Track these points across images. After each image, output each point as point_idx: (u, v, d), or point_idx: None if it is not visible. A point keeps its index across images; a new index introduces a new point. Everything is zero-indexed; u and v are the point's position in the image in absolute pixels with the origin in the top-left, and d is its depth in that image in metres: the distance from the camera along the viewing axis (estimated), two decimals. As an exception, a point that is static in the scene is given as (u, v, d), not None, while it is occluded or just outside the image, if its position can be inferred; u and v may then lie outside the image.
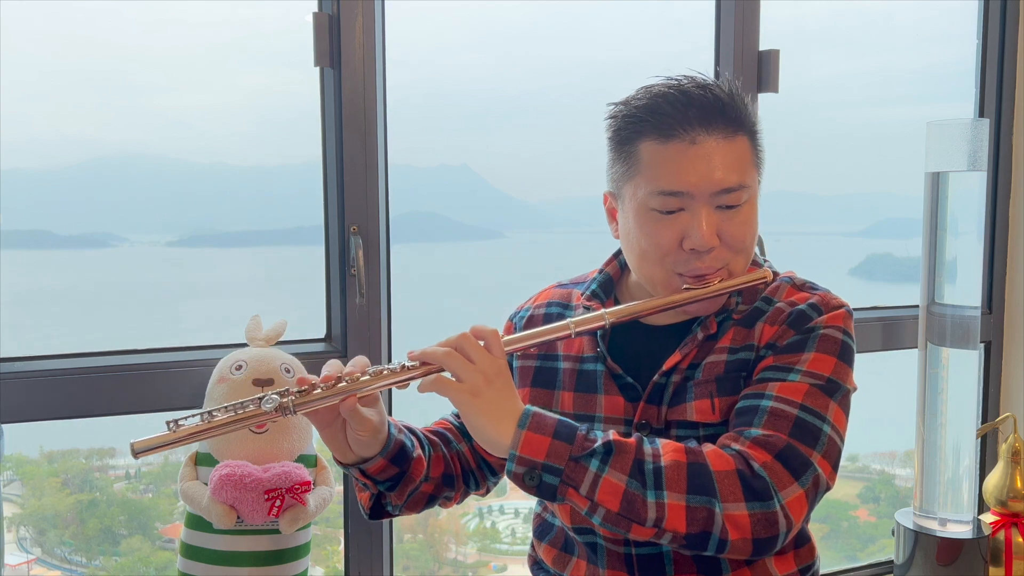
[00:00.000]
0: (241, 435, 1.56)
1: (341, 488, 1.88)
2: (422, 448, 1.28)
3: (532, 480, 1.08)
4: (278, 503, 1.50)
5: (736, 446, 1.13)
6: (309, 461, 1.63)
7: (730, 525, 1.07)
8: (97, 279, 3.04)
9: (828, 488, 1.16)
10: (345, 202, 1.83)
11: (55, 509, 2.69)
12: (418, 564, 3.15)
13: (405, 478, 1.24)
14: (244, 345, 1.68)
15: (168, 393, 1.70)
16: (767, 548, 1.09)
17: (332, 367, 1.15)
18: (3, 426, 1.64)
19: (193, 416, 1.10)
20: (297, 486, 1.52)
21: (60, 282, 2.97)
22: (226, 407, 1.11)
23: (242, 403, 1.11)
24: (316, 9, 1.82)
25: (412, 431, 1.30)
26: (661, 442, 1.12)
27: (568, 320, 1.21)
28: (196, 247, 2.97)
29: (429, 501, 1.32)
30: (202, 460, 1.59)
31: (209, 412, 1.11)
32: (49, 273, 2.88)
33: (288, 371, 1.62)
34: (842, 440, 1.18)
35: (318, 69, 1.83)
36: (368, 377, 1.13)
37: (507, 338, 1.17)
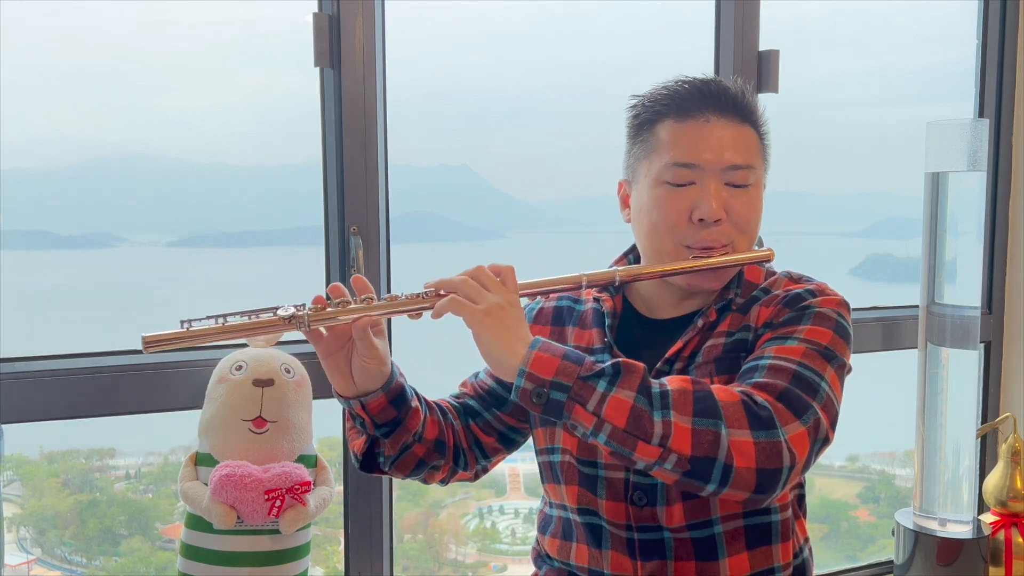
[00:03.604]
0: (241, 435, 1.56)
1: (341, 488, 1.88)
2: (420, 402, 1.30)
3: (540, 398, 1.10)
4: (278, 503, 1.50)
5: (739, 388, 1.15)
6: (309, 461, 1.63)
7: (735, 451, 1.07)
8: (97, 279, 3.05)
9: (827, 441, 1.17)
10: (345, 202, 1.83)
11: (55, 509, 2.69)
12: (418, 564, 3.15)
13: (401, 427, 1.25)
14: (244, 345, 1.68)
15: (168, 393, 1.70)
16: (771, 482, 1.09)
17: (336, 288, 1.17)
18: (3, 426, 1.64)
19: (207, 318, 1.10)
20: (297, 486, 1.52)
21: (60, 282, 2.97)
22: (241, 312, 1.11)
23: (256, 310, 1.12)
24: (316, 9, 1.82)
25: (412, 387, 1.32)
26: (667, 378, 1.14)
27: (581, 273, 1.24)
28: (196, 247, 2.97)
29: (419, 466, 1.32)
30: (202, 460, 1.59)
31: (223, 315, 1.10)
32: (49, 273, 2.88)
33: (288, 371, 1.62)
34: (838, 404, 1.20)
35: (318, 69, 1.83)
36: (383, 302, 1.15)
37: (521, 281, 1.21)
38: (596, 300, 1.36)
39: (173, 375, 1.71)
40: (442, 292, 1.16)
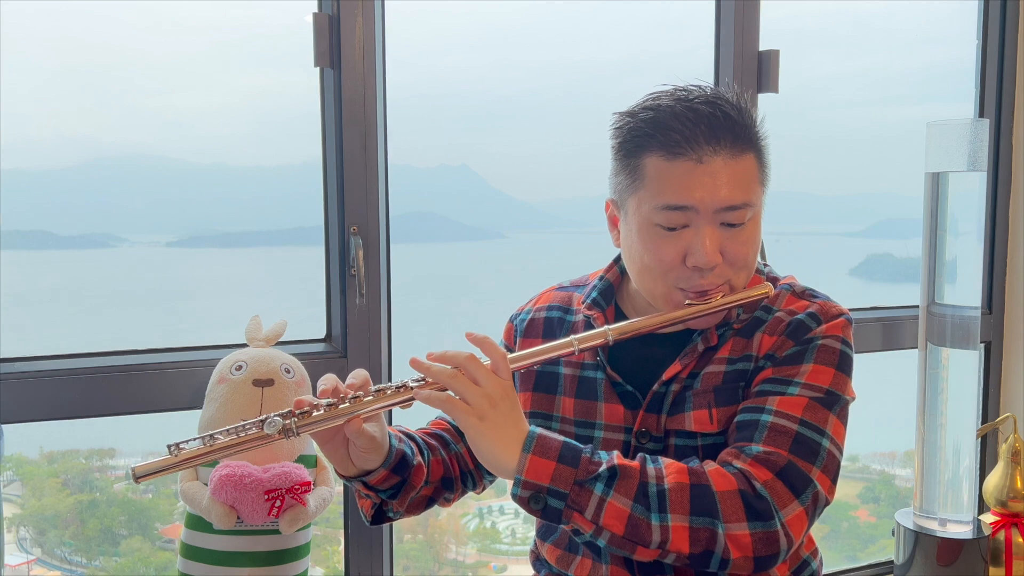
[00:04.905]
0: (241, 435, 1.56)
1: (341, 488, 1.88)
2: (422, 455, 1.29)
3: (537, 504, 1.09)
4: (278, 503, 1.50)
5: (738, 464, 1.14)
6: (309, 461, 1.63)
7: (732, 544, 1.09)
8: (97, 279, 3.04)
9: (827, 503, 1.17)
10: (345, 202, 1.83)
11: (55, 509, 2.69)
12: (418, 564, 3.15)
13: (406, 486, 1.25)
14: (244, 345, 1.68)
15: (168, 393, 1.71)
16: (768, 565, 1.12)
17: (328, 382, 1.15)
18: (3, 426, 1.64)
19: (195, 440, 1.11)
20: (297, 486, 1.52)
21: (60, 282, 2.97)
22: (228, 430, 1.11)
23: (244, 426, 1.11)
24: (316, 9, 1.82)
25: (411, 437, 1.31)
26: (664, 462, 1.13)
27: (572, 337, 1.21)
28: (196, 247, 2.97)
29: (428, 503, 1.34)
30: (202, 460, 1.59)
31: (211, 435, 1.11)
32: (49, 273, 2.88)
33: (288, 371, 1.62)
34: (841, 452, 1.20)
35: (318, 69, 1.83)
36: (371, 397, 1.13)
37: (512, 356, 1.17)
38: (587, 317, 1.32)
39: (173, 375, 1.71)
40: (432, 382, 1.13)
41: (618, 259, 1.39)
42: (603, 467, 1.09)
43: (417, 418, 1.40)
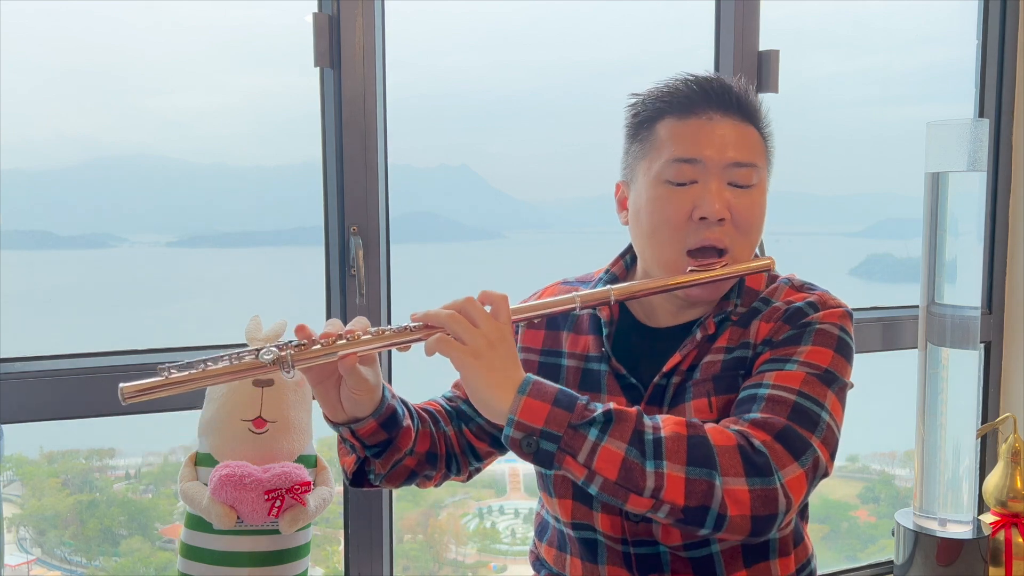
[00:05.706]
0: (241, 435, 1.56)
1: (341, 488, 1.88)
2: (411, 420, 1.27)
3: (529, 447, 1.07)
4: (278, 503, 1.50)
5: (736, 427, 1.12)
6: (309, 461, 1.63)
7: (730, 500, 1.05)
8: (97, 279, 3.05)
9: (826, 474, 1.15)
10: (345, 202, 1.83)
11: (55, 509, 2.69)
12: (418, 564, 3.15)
13: (392, 446, 1.23)
14: (244, 345, 1.68)
15: (168, 393, 1.70)
16: (765, 527, 1.08)
17: (333, 325, 1.14)
18: (3, 426, 1.64)
19: (187, 363, 1.07)
20: (297, 486, 1.52)
21: (60, 282, 2.97)
22: (222, 356, 1.08)
23: (239, 353, 1.08)
24: (316, 9, 1.82)
25: (405, 403, 1.30)
26: (662, 416, 1.12)
27: (574, 293, 1.21)
28: (196, 247, 2.97)
29: (410, 476, 1.31)
30: (202, 460, 1.59)
31: (203, 361, 1.08)
32: (49, 273, 2.88)
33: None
34: (839, 430, 1.18)
35: (318, 69, 1.83)
36: (369, 336, 1.12)
37: (513, 307, 1.17)
38: (593, 311, 1.33)
39: (173, 375, 1.71)
40: (430, 325, 1.12)
41: (623, 254, 1.40)
42: (598, 412, 1.07)
43: (418, 393, 1.39)
